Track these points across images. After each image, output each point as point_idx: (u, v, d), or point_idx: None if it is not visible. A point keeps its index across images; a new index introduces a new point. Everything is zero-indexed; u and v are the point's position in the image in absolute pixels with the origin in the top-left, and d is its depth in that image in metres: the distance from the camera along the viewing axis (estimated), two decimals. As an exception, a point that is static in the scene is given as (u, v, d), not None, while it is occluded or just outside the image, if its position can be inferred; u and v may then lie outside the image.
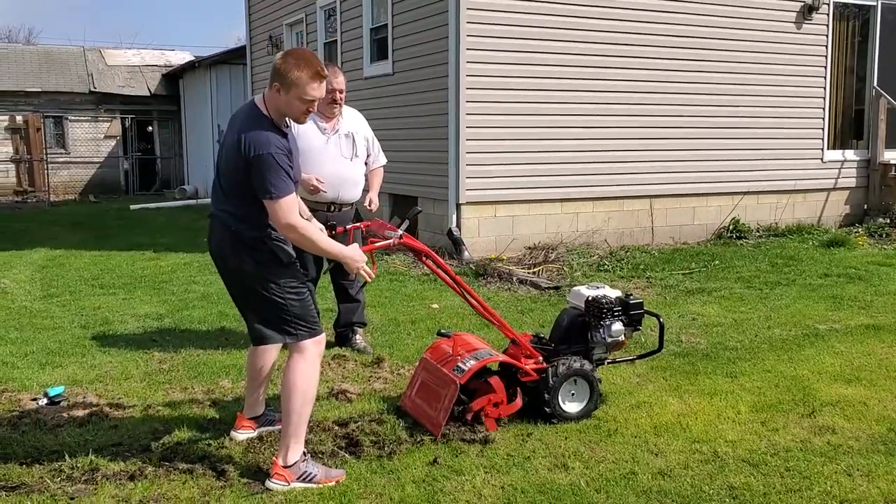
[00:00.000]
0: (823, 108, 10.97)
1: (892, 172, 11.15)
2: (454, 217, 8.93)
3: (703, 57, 10.00)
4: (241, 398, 4.32)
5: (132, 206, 16.96)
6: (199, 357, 5.36)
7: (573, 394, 4.15)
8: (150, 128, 23.73)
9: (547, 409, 4.08)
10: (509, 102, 9.00)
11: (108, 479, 3.48)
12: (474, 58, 8.75)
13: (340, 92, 5.10)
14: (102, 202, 19.86)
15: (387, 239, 3.90)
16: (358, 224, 4.53)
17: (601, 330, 4.25)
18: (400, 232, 3.89)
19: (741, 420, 4.18)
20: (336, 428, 4.05)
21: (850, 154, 11.33)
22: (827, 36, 10.86)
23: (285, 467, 3.41)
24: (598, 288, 4.39)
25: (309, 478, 3.43)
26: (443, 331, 4.32)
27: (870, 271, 8.08)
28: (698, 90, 10.03)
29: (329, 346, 5.47)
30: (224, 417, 4.20)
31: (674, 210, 10.13)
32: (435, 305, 6.74)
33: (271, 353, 3.92)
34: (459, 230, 8.88)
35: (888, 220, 10.82)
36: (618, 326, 4.26)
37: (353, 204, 5.36)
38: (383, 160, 5.58)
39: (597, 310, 4.23)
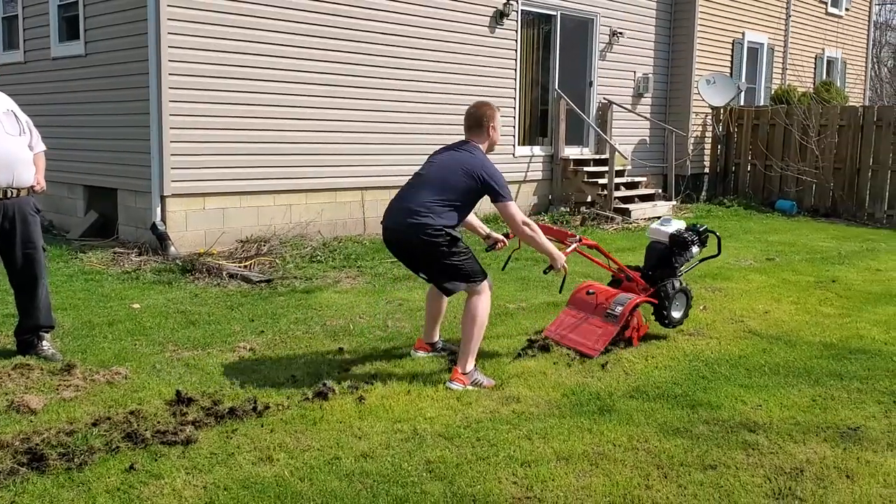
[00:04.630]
0: (514, 108, 12.00)
1: (571, 166, 12.53)
2: (158, 210, 8.46)
3: (408, 55, 10.44)
4: None
5: None
6: None
7: (677, 305, 5.62)
8: None
9: (665, 320, 5.57)
10: (218, 91, 8.73)
11: None
12: (178, 42, 8.35)
13: None
14: None
15: (569, 245, 5.19)
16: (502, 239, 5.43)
17: (684, 255, 5.63)
18: (578, 235, 5.30)
19: (439, 397, 4.46)
20: (16, 444, 3.68)
21: (536, 150, 12.52)
22: (516, 41, 11.89)
23: (463, 374, 4.57)
24: (669, 223, 5.74)
25: (478, 383, 4.57)
26: (590, 291, 5.64)
27: (553, 255, 9.00)
28: (403, 87, 10.45)
29: (10, 355, 4.99)
30: None
31: (384, 201, 10.21)
32: (135, 305, 6.36)
33: (445, 299, 5.03)
34: (164, 224, 8.44)
35: (568, 209, 12.15)
36: (695, 249, 5.68)
37: (28, 189, 4.89)
38: (43, 146, 5.12)
39: (681, 240, 5.58)
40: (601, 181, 12.30)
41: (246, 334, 5.65)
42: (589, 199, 12.40)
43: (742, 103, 15.60)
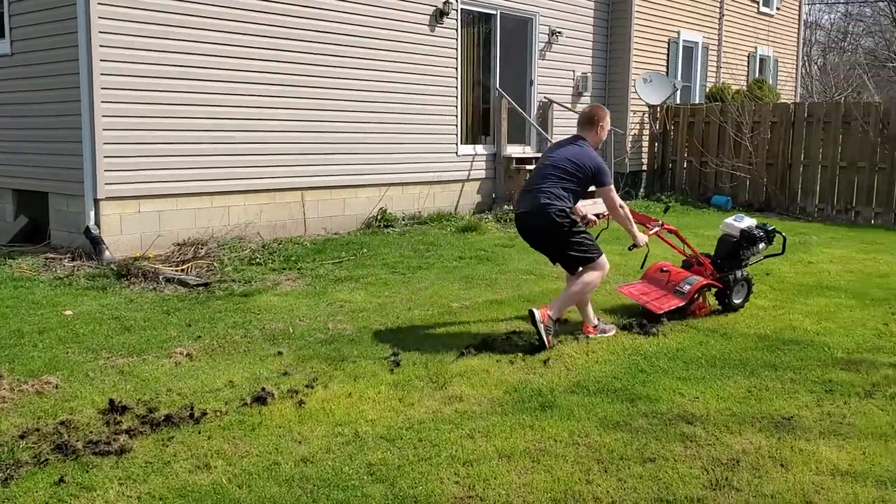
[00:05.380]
0: (456, 107, 12.01)
1: (514, 165, 12.59)
2: (92, 214, 8.22)
3: (350, 54, 10.36)
4: None
5: None
6: None
7: (738, 292, 6.40)
8: None
9: (726, 303, 6.35)
10: (152, 91, 8.51)
11: None
12: (109, 42, 8.11)
13: None
14: None
15: (652, 230, 6.07)
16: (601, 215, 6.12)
17: (752, 249, 6.38)
18: (660, 221, 6.17)
19: (381, 399, 4.43)
20: (-63, 460, 3.53)
21: (479, 148, 12.55)
22: (456, 40, 11.89)
23: (594, 328, 5.66)
24: (742, 219, 6.44)
25: (603, 332, 5.64)
26: (664, 269, 6.40)
27: (496, 253, 9.06)
28: (345, 86, 10.37)
29: (-69, 366, 4.78)
30: None
31: (325, 202, 10.39)
32: (68, 312, 6.17)
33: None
34: (98, 228, 8.21)
35: (512, 207, 12.20)
36: (762, 245, 6.44)
37: None
38: None
39: (750, 236, 6.33)
40: (543, 179, 12.36)
41: (183, 339, 5.53)
42: (531, 196, 12.46)
43: (678, 101, 15.90)
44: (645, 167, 15.58)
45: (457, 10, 11.82)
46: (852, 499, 3.38)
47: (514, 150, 12.98)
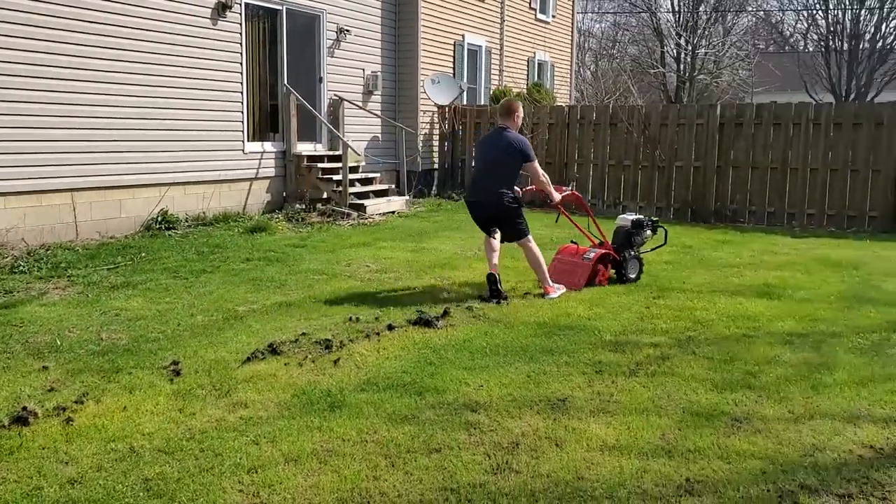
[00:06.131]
0: (242, 103, 11.63)
1: (305, 163, 12.43)
2: None
3: (123, 47, 9.71)
4: None
5: None
6: None
7: (633, 267, 7.83)
8: None
9: (623, 276, 7.74)
10: None
11: None
12: None
13: None
14: None
15: (564, 192, 7.67)
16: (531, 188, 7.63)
17: (640, 235, 7.91)
18: (571, 187, 8.15)
19: (159, 410, 4.19)
20: None
21: (268, 146, 12.25)
22: (241, 34, 11.52)
23: (549, 287, 7.04)
24: (633, 214, 8.12)
25: (559, 291, 7.08)
26: (573, 241, 8.03)
27: (286, 253, 8.89)
28: (121, 80, 9.71)
29: None
30: None
31: (99, 203, 9.67)
32: None
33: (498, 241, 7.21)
34: None
35: (303, 206, 12.06)
36: (648, 232, 8.01)
37: None
38: None
39: (639, 224, 7.92)
40: (336, 177, 12.33)
41: (-73, 360, 4.92)
42: (325, 195, 12.38)
43: (465, 102, 16.46)
44: (437, 166, 15.98)
45: (240, 4, 11.46)
46: (618, 471, 3.65)
47: (305, 148, 12.82)
